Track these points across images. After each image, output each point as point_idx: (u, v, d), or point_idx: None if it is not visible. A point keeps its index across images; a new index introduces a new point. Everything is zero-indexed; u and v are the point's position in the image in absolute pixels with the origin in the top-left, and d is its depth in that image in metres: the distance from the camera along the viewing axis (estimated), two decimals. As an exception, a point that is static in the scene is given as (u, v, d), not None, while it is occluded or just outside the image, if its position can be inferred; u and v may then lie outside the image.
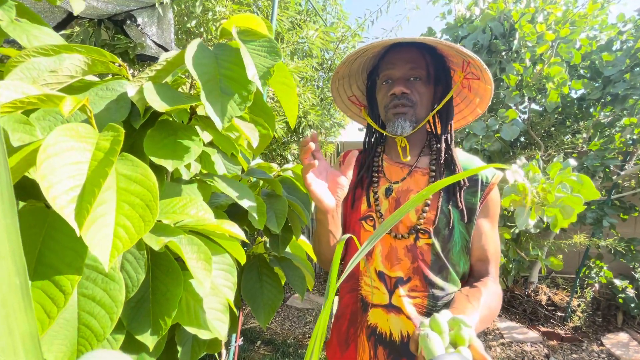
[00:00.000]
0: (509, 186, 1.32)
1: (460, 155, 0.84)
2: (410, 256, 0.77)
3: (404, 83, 0.79)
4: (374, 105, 0.91)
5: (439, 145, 0.82)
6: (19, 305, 0.16)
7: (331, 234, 0.81)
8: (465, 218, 0.77)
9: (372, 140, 0.93)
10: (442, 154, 0.80)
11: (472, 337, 0.51)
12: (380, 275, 0.80)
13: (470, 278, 0.82)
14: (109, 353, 0.25)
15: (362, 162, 0.91)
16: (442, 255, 0.76)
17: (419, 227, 0.78)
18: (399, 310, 0.76)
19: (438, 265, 0.77)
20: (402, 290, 0.76)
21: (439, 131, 0.85)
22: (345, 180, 0.74)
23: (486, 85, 0.82)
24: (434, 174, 0.80)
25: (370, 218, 0.84)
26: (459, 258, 0.78)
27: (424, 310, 0.76)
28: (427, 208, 0.78)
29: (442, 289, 0.76)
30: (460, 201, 0.77)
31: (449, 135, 0.82)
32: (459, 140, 2.85)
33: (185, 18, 2.03)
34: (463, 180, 0.77)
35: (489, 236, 0.79)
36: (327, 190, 0.73)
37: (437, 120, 0.87)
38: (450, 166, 0.80)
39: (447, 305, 0.76)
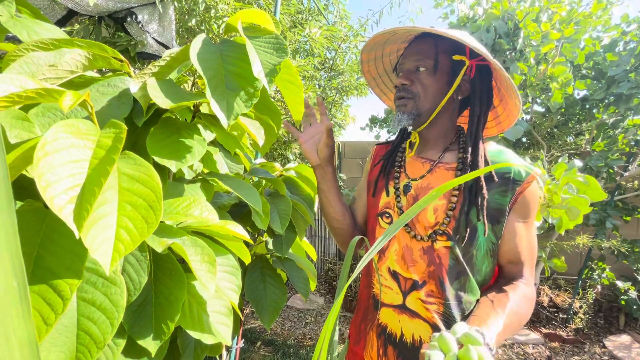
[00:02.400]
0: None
1: (490, 148, 0.78)
2: (427, 259, 0.73)
3: (406, 75, 0.77)
4: None
5: (465, 140, 0.77)
6: (17, 309, 0.15)
7: (322, 192, 0.89)
8: (492, 219, 0.71)
9: (398, 135, 0.91)
10: (468, 150, 0.74)
11: (481, 355, 0.47)
12: (394, 275, 0.77)
13: (500, 279, 0.77)
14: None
15: (386, 155, 0.89)
16: (462, 259, 0.71)
17: (437, 228, 0.73)
18: (413, 313, 0.73)
19: (456, 271, 0.72)
20: (417, 294, 0.73)
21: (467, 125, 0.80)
22: (319, 128, 0.86)
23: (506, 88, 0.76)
24: (460, 172, 0.74)
25: (387, 215, 0.82)
26: (482, 262, 0.73)
27: (441, 318, 0.71)
28: (451, 212, 0.73)
29: (458, 297, 0.71)
30: (486, 201, 0.70)
31: (474, 129, 0.76)
32: None
33: (187, 16, 2.01)
34: (492, 177, 0.71)
35: (523, 237, 0.73)
36: (314, 148, 0.86)
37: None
38: (476, 163, 0.73)
39: (466, 314, 0.71)
